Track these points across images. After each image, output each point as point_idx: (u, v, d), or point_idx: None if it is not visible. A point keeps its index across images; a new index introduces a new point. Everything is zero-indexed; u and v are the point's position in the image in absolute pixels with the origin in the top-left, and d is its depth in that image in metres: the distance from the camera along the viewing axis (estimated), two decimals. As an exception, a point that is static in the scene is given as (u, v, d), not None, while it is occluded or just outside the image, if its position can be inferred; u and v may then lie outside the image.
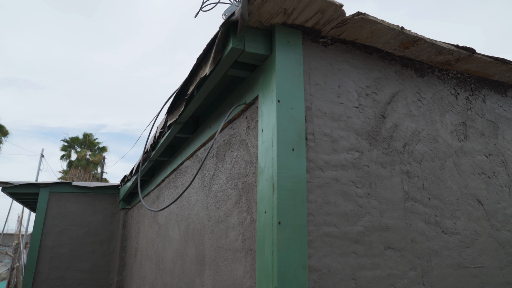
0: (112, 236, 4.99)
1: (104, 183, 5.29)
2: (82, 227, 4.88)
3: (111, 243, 4.96)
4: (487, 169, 1.89)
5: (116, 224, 5.04)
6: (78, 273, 4.72)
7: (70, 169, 21.37)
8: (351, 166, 1.45)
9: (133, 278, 4.17)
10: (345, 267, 1.36)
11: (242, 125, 1.72)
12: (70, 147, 22.05)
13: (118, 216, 5.07)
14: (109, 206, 5.08)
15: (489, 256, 1.74)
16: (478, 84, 2.05)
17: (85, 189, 5.01)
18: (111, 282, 4.83)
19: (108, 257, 4.90)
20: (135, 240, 4.32)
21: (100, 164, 21.68)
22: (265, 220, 1.34)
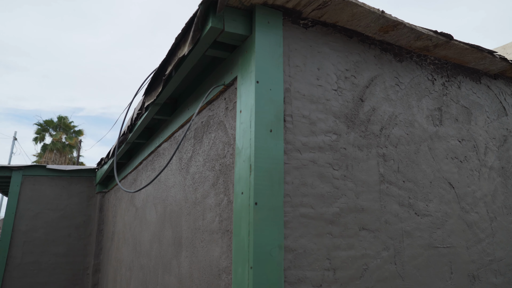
0: (89, 220, 4.92)
1: (80, 166, 5.19)
2: (57, 211, 4.79)
3: (87, 227, 4.89)
4: (460, 153, 1.94)
5: (92, 207, 4.97)
6: (53, 257, 4.65)
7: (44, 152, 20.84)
8: (329, 148, 1.46)
9: (110, 261, 4.14)
10: (320, 247, 1.38)
11: (220, 106, 1.71)
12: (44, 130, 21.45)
13: (94, 200, 4.99)
14: (85, 189, 4.99)
15: (457, 237, 1.80)
16: (454, 71, 2.08)
17: (61, 172, 4.90)
18: (87, 266, 4.78)
19: (84, 240, 4.84)
20: (112, 223, 4.27)
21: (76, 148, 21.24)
22: (242, 201, 1.34)
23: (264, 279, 1.25)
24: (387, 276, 1.53)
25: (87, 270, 4.77)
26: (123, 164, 3.99)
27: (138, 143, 3.19)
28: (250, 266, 1.25)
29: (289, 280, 1.31)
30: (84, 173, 5.02)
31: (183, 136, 1.54)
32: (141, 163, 3.18)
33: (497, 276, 1.92)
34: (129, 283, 3.15)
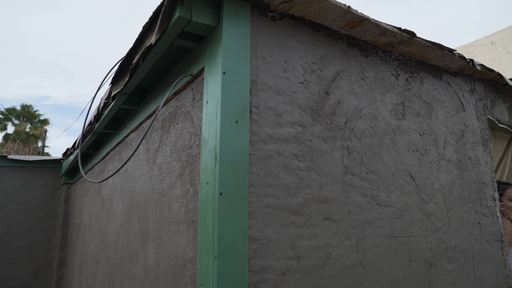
0: (54, 212, 4.78)
1: (44, 157, 5.02)
2: (19, 203, 4.63)
3: (52, 219, 4.76)
4: (420, 146, 2.01)
5: (58, 199, 4.83)
6: (14, 251, 4.50)
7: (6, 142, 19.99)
8: (294, 140, 1.49)
9: (75, 255, 4.06)
10: (285, 237, 1.41)
11: (187, 96, 1.70)
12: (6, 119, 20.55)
13: (60, 191, 4.85)
14: (50, 181, 4.84)
15: (416, 226, 1.88)
16: (417, 67, 2.16)
17: (23, 163, 4.73)
18: (52, 260, 4.66)
19: (48, 234, 4.71)
20: (78, 215, 4.18)
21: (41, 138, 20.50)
22: (207, 192, 1.34)
23: (228, 268, 1.26)
24: (349, 264, 1.59)
25: (52, 264, 4.65)
26: (90, 155, 3.90)
27: (106, 133, 3.13)
28: (215, 255, 1.26)
29: (253, 269, 1.33)
30: (49, 164, 4.86)
31: (149, 126, 1.53)
32: (108, 154, 3.11)
33: (451, 263, 2.02)
34: (95, 276, 3.10)
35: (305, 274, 1.45)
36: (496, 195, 2.47)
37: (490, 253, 2.30)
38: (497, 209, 2.45)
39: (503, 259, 2.37)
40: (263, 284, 1.35)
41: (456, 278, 2.05)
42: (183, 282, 1.55)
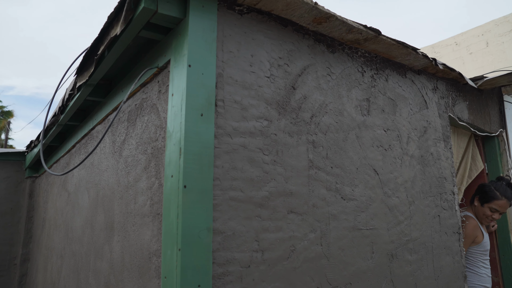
0: (17, 207, 4.62)
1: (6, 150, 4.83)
2: (-20, 197, 4.44)
3: (15, 214, 4.60)
4: (385, 142, 2.07)
5: (21, 193, 4.67)
6: (-24, 246, 4.33)
7: (-32, 134, 19.12)
8: (259, 134, 1.50)
9: (40, 250, 3.95)
10: (249, 229, 1.42)
11: (153, 89, 1.68)
12: (-33, 110, 19.64)
13: (23, 185, 4.69)
14: (13, 174, 4.67)
15: (379, 220, 1.94)
16: (383, 64, 2.21)
17: (-15, 155, 4.54)
18: (14, 256, 4.51)
19: (11, 229, 4.55)
20: (43, 210, 4.06)
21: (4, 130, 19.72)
22: (172, 184, 1.34)
23: (192, 260, 1.27)
24: (313, 256, 1.62)
25: (14, 260, 4.50)
26: (56, 148, 3.79)
27: (71, 125, 3.05)
28: (179, 248, 1.26)
29: (218, 262, 1.34)
30: (12, 157, 4.69)
31: (113, 119, 1.50)
32: (74, 146, 3.04)
33: (412, 254, 2.10)
34: (60, 271, 3.03)
35: (270, 266, 1.47)
36: (455, 190, 2.58)
37: (448, 245, 2.40)
38: (455, 203, 2.56)
39: (459, 250, 2.49)
40: (228, 276, 1.36)
41: (416, 269, 2.13)
42: (148, 275, 1.55)
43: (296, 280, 1.54)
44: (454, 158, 2.99)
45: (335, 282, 1.69)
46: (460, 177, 3.13)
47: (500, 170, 3.34)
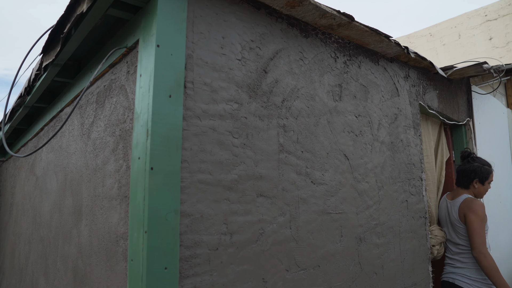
0: (-16, 191, 4.48)
1: (-28, 132, 4.64)
2: None
3: (-18, 199, 4.45)
4: (356, 128, 2.10)
5: (-12, 177, 4.52)
6: None
7: None
8: (229, 117, 1.49)
9: (7, 236, 3.84)
10: (218, 212, 1.42)
11: (122, 70, 1.64)
12: None
13: (-10, 169, 4.54)
14: (-21, 158, 4.51)
15: (348, 204, 1.97)
16: (356, 51, 2.23)
17: None
18: (-18, 241, 4.38)
19: (-22, 213, 4.41)
20: (10, 195, 3.94)
21: (-27, 113, 18.95)
22: (139, 166, 1.32)
23: (159, 243, 1.26)
24: (282, 239, 1.64)
25: (-18, 245, 4.37)
26: (23, 131, 3.67)
27: (39, 107, 2.95)
28: (145, 230, 1.25)
29: (185, 244, 1.33)
30: (-22, 140, 4.51)
31: (78, 100, 1.46)
32: (42, 129, 2.95)
33: (379, 238, 2.16)
34: (28, 257, 2.97)
35: (238, 249, 1.48)
36: (423, 176, 2.65)
37: (415, 229, 2.48)
38: (423, 189, 2.63)
39: (425, 234, 2.57)
40: (195, 258, 1.36)
41: (383, 252, 2.19)
42: (115, 258, 1.53)
43: (264, 262, 1.56)
44: (429, 146, 3.06)
45: (304, 264, 1.72)
46: (440, 163, 3.22)
47: (467, 157, 3.45)
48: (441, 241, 2.85)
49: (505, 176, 4.29)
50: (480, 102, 3.81)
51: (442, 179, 3.17)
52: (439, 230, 2.90)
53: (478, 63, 2.93)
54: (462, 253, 2.80)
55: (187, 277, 1.33)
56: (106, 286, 1.58)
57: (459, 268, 2.80)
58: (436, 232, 2.86)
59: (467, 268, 2.76)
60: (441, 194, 3.17)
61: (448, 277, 2.82)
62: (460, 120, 3.40)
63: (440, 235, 2.86)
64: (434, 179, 3.07)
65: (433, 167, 3.08)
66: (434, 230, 2.87)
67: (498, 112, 4.37)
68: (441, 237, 2.86)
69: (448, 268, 2.87)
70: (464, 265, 2.78)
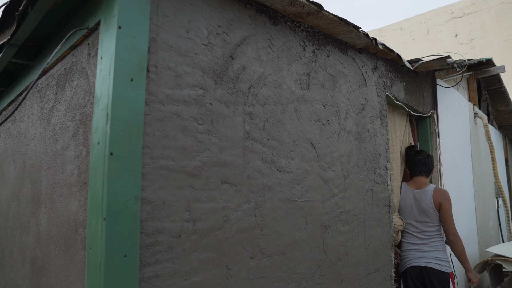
0: None
1: None
2: None
3: None
4: (323, 117, 2.11)
5: None
6: None
7: None
8: (194, 103, 1.47)
9: (-35, 225, 3.67)
10: (181, 199, 1.40)
11: (83, 52, 1.57)
12: None
13: None
14: None
15: (314, 192, 1.99)
16: (325, 40, 2.23)
17: None
18: None
19: None
20: (-33, 182, 3.76)
21: None
22: (98, 152, 1.28)
23: (118, 230, 1.23)
24: (246, 227, 1.64)
25: None
26: (-19, 116, 3.49)
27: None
28: (104, 217, 1.22)
29: (146, 231, 1.31)
30: None
31: (34, 82, 1.39)
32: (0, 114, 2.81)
33: (344, 225, 2.20)
34: (-15, 246, 2.85)
35: (201, 236, 1.46)
36: (388, 165, 2.71)
37: (379, 217, 2.54)
38: (388, 178, 2.70)
39: (389, 222, 2.64)
40: (157, 246, 1.34)
41: (348, 239, 2.23)
42: (74, 247, 1.48)
43: (228, 250, 1.55)
44: (395, 136, 3.13)
45: (268, 251, 1.72)
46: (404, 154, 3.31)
47: (430, 148, 3.56)
48: (398, 229, 2.95)
49: (465, 167, 4.47)
50: (444, 95, 3.93)
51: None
52: (398, 219, 2.99)
53: (443, 57, 3.01)
54: (430, 238, 2.96)
55: (148, 264, 1.31)
56: (65, 276, 1.54)
57: (428, 252, 2.97)
58: (395, 221, 2.94)
59: (435, 251, 2.98)
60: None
61: (420, 262, 2.97)
62: (425, 112, 3.49)
63: (398, 224, 2.95)
64: (398, 169, 3.15)
65: (398, 157, 3.16)
66: (394, 218, 2.95)
67: (461, 105, 4.53)
68: (399, 225, 2.96)
69: (415, 253, 3.01)
70: (432, 248, 2.99)
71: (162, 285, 1.34)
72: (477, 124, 5.20)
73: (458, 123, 4.36)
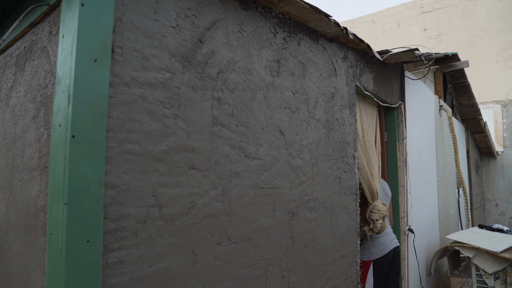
0: None
1: None
2: None
3: None
4: (292, 104, 2.12)
5: None
6: None
7: None
8: (161, 86, 1.44)
9: None
10: (146, 184, 1.38)
11: (44, 30, 1.50)
12: None
13: None
14: None
15: (282, 179, 2.01)
16: (296, 28, 2.23)
17: None
18: None
19: None
20: None
21: None
22: (59, 134, 1.23)
23: (80, 215, 1.19)
24: (213, 213, 1.63)
25: None
26: None
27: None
28: (65, 202, 1.18)
29: (110, 217, 1.28)
30: None
31: (-10, 58, 1.32)
32: (-44, 95, 2.66)
33: (312, 212, 2.23)
34: None
35: (167, 222, 1.45)
36: (356, 154, 2.77)
37: (346, 204, 2.60)
38: (355, 166, 2.75)
39: (355, 209, 2.70)
40: (121, 231, 1.31)
41: (315, 226, 2.27)
42: (34, 233, 1.44)
43: (195, 236, 1.55)
44: (368, 125, 3.19)
45: (235, 238, 1.73)
46: (379, 144, 3.38)
47: (397, 138, 3.66)
48: (384, 215, 3.03)
49: (430, 158, 4.63)
50: (411, 87, 4.03)
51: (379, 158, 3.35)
52: (382, 205, 3.05)
53: (411, 49, 3.07)
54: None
55: (112, 250, 1.28)
56: (25, 263, 1.49)
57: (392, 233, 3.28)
58: (380, 207, 3.02)
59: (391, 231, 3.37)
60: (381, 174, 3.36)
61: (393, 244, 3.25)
62: (393, 103, 3.58)
63: (383, 209, 3.03)
64: (375, 157, 3.21)
65: (373, 145, 3.22)
66: (378, 204, 3.02)
67: (427, 97, 4.66)
68: (384, 211, 3.03)
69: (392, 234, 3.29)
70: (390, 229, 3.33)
71: (126, 271, 1.32)
72: (442, 116, 5.38)
73: (424, 115, 4.49)
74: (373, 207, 3.00)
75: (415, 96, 4.12)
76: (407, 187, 3.67)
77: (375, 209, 3.01)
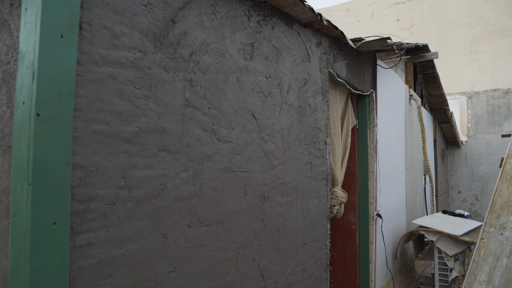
0: None
1: None
2: None
3: None
4: (265, 89, 2.12)
5: None
6: None
7: None
8: (131, 66, 1.40)
9: None
10: (115, 165, 1.35)
11: (5, 1, 1.43)
12: None
13: None
14: None
15: (254, 163, 2.02)
16: (271, 12, 2.22)
17: None
18: None
19: None
20: None
21: None
22: (23, 112, 1.19)
23: (46, 196, 1.16)
24: (184, 195, 1.63)
25: None
26: None
27: None
28: (29, 183, 1.14)
29: (78, 198, 1.25)
30: None
31: None
32: None
33: (283, 197, 2.26)
34: None
35: (137, 204, 1.43)
36: (327, 140, 2.81)
37: (317, 189, 2.64)
38: (327, 152, 2.79)
39: (326, 194, 2.75)
40: (89, 213, 1.29)
41: (286, 210, 2.30)
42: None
43: (165, 218, 1.54)
44: (336, 113, 3.24)
45: (206, 221, 1.73)
46: (346, 130, 3.42)
47: (368, 126, 3.74)
48: (342, 201, 3.10)
49: (399, 146, 4.76)
50: (383, 76, 4.11)
51: (348, 145, 3.41)
52: (340, 191, 3.13)
53: (383, 38, 3.12)
54: None
55: (80, 232, 1.26)
56: (-13, 245, 1.44)
57: None
58: (338, 193, 3.08)
59: None
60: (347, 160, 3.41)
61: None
62: (365, 91, 3.64)
63: (341, 196, 3.10)
64: (339, 144, 3.27)
65: (339, 133, 3.28)
66: (337, 191, 3.09)
67: (398, 87, 4.77)
68: (342, 197, 3.10)
69: None
70: None
71: (95, 254, 1.30)
72: (411, 105, 5.52)
73: (395, 104, 4.60)
74: (332, 193, 3.07)
75: (386, 85, 4.20)
76: (376, 174, 3.77)
77: (333, 195, 3.08)
